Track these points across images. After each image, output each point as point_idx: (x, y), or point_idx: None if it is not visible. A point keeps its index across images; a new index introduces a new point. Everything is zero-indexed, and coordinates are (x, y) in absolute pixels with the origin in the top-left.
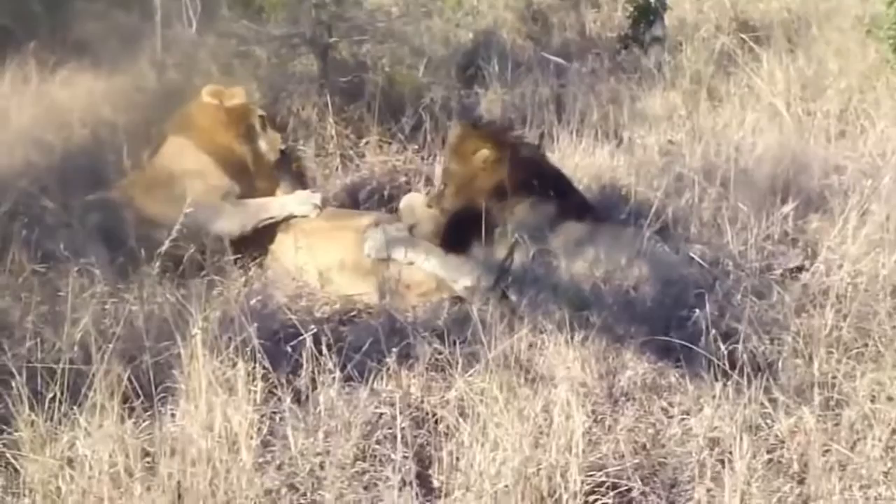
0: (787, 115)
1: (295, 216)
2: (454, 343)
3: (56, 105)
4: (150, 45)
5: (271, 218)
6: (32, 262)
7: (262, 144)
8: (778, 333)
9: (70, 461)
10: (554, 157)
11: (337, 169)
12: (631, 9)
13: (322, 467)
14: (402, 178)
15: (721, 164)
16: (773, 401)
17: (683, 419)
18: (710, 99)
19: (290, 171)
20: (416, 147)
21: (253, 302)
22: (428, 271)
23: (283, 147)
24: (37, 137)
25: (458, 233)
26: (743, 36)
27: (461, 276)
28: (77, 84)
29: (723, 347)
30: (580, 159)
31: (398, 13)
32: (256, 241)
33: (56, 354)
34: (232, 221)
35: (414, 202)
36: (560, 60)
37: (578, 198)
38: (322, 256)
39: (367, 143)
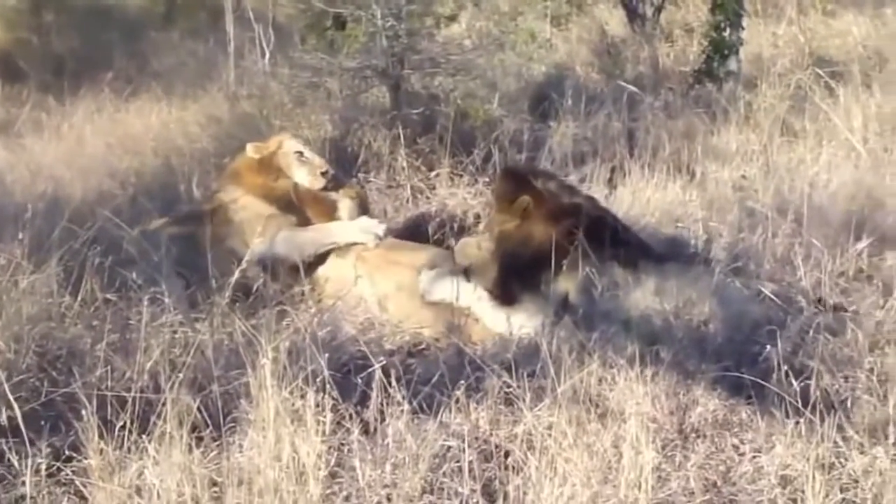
0: (864, 152)
1: (356, 243)
2: (523, 377)
3: (129, 134)
4: (224, 76)
5: (333, 243)
6: (105, 291)
7: (301, 175)
8: (851, 371)
9: (138, 490)
10: (625, 190)
11: (407, 201)
12: (705, 43)
13: (389, 500)
14: (473, 211)
15: (795, 200)
16: (846, 439)
17: (755, 457)
18: (785, 135)
19: (350, 196)
20: (487, 180)
21: (322, 333)
22: (477, 316)
23: (324, 170)
24: (110, 165)
25: (510, 281)
26: (819, 71)
27: (504, 325)
28: (150, 113)
29: (795, 384)
30: (652, 193)
31: (471, 46)
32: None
33: (126, 383)
34: (292, 247)
35: (468, 245)
36: (634, 89)
37: (635, 240)
38: (380, 286)
39: (437, 175)
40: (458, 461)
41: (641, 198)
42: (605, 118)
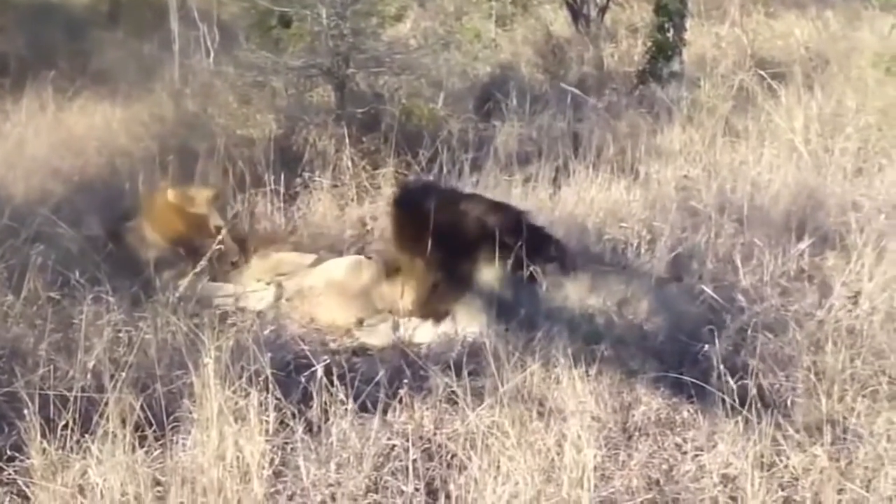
0: (805, 152)
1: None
2: (467, 376)
3: (73, 133)
4: (168, 75)
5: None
6: (47, 290)
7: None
8: (792, 370)
9: (81, 489)
10: (570, 190)
11: (353, 200)
12: (649, 44)
13: (333, 499)
14: None
15: (737, 200)
16: (786, 438)
17: (697, 455)
18: (728, 135)
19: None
20: (433, 179)
21: (266, 332)
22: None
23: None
24: (53, 165)
25: (433, 295)
26: (761, 72)
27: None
28: (94, 112)
29: (734, 384)
30: (596, 193)
31: (416, 45)
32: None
33: (69, 382)
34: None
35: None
36: (577, 92)
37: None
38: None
39: (383, 174)
40: (401, 460)
41: (586, 198)
42: (550, 118)
